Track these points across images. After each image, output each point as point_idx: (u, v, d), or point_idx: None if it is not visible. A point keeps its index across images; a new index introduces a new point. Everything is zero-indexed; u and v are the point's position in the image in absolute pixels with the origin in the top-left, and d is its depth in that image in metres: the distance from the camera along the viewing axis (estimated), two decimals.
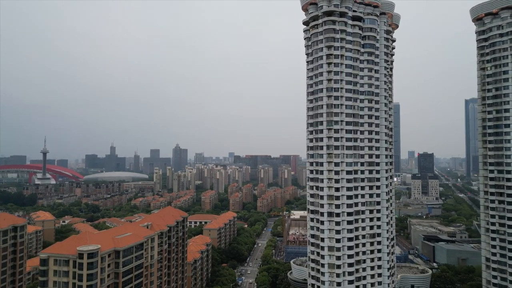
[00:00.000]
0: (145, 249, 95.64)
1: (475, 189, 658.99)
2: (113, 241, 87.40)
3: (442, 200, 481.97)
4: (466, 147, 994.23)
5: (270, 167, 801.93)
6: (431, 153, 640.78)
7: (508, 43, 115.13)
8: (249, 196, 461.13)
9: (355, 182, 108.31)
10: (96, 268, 79.70)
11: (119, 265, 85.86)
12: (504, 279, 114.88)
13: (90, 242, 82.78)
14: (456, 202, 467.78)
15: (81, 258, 78.30)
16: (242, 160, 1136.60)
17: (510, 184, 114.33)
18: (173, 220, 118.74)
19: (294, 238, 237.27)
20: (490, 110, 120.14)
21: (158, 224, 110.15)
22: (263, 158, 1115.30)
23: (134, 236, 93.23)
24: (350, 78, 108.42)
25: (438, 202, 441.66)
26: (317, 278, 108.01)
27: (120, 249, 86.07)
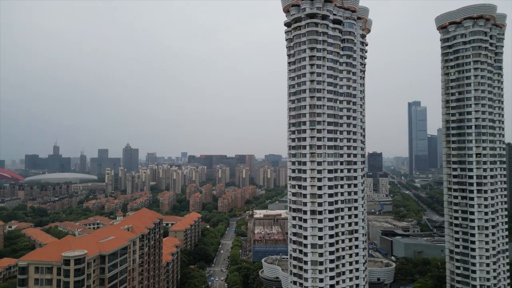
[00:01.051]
0: (128, 252, 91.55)
1: (418, 186, 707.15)
2: (98, 245, 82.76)
3: (391, 197, 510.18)
4: (409, 147, 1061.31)
5: (227, 167, 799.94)
6: (380, 153, 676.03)
7: (471, 51, 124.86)
8: (209, 196, 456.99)
9: (336, 180, 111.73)
10: (83, 275, 74.99)
11: (105, 271, 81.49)
12: (467, 269, 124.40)
13: (74, 247, 77.63)
14: (404, 199, 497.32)
15: (67, 264, 73.21)
16: (197, 160, 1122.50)
17: (472, 181, 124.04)
18: (151, 222, 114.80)
19: (260, 237, 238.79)
20: (453, 112, 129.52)
21: (138, 226, 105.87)
22: (218, 158, 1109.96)
23: (118, 239, 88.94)
24: (331, 80, 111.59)
25: (389, 199, 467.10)
26: (300, 275, 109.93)
27: (106, 253, 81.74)
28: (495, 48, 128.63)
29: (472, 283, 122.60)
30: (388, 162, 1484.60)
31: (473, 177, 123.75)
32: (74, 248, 77.53)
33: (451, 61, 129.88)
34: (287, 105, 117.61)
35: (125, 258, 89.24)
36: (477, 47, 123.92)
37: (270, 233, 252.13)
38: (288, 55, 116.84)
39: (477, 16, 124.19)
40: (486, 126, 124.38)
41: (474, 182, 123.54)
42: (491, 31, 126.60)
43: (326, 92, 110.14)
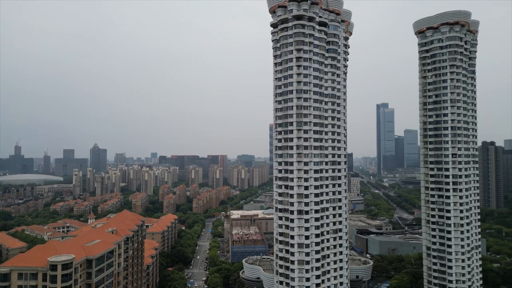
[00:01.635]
0: (114, 256, 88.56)
1: (387, 186, 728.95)
2: (83, 249, 79.52)
3: (362, 196, 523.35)
4: (377, 148, 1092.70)
5: (200, 167, 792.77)
6: (351, 153, 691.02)
7: (447, 55, 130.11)
8: (183, 197, 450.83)
9: (321, 180, 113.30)
10: (71, 281, 71.77)
11: (92, 276, 78.39)
12: (443, 265, 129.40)
13: (60, 252, 74.14)
14: (374, 198, 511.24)
15: (54, 270, 69.80)
16: (168, 161, 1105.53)
17: (448, 180, 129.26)
18: (133, 224, 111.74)
19: (238, 237, 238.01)
20: (430, 114, 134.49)
21: (122, 229, 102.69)
22: (190, 159, 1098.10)
23: (104, 243, 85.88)
24: (317, 81, 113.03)
25: (360, 198, 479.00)
26: (286, 275, 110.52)
27: (93, 258, 78.67)
28: (469, 53, 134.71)
29: (448, 278, 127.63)
30: (357, 162, 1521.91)
31: (449, 177, 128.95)
32: (60, 252, 74.07)
33: (429, 65, 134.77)
34: (273, 105, 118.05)
35: (111, 262, 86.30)
36: (453, 52, 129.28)
37: (248, 233, 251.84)
38: (274, 55, 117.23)
39: (453, 22, 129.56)
40: (461, 128, 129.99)
41: (450, 181, 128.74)
42: (466, 37, 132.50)
43: (312, 93, 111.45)
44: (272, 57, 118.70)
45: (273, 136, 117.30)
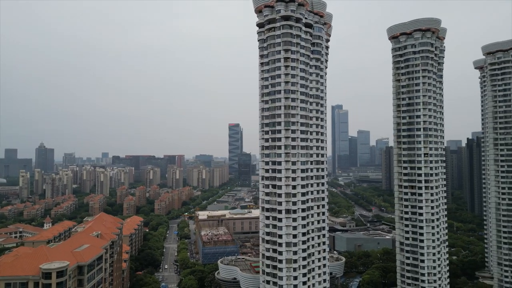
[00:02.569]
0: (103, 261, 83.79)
1: (342, 184, 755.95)
2: (74, 255, 74.41)
3: None
4: (332, 147, 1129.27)
5: (157, 167, 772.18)
6: None
7: (420, 60, 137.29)
8: (143, 199, 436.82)
9: (307, 180, 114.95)
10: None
11: (83, 282, 73.61)
12: (416, 259, 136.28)
13: (51, 258, 68.73)
14: (333, 196, 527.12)
15: (48, 277, 64.69)
16: (122, 161, 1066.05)
17: (420, 179, 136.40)
18: (114, 227, 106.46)
19: (208, 238, 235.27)
20: (404, 115, 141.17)
21: (105, 232, 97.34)
22: (146, 159, 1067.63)
23: (93, 247, 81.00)
24: (303, 82, 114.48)
25: None
26: (274, 274, 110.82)
27: (85, 264, 73.94)
28: (438, 58, 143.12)
29: (420, 272, 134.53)
30: None
31: (422, 175, 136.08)
32: (51, 259, 68.64)
33: (402, 69, 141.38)
34: (259, 105, 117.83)
35: (101, 268, 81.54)
36: (425, 57, 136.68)
37: (217, 234, 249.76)
38: (260, 55, 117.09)
39: (425, 29, 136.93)
40: (432, 129, 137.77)
41: (422, 179, 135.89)
42: (436, 43, 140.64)
43: (299, 94, 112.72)
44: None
45: (259, 136, 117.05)
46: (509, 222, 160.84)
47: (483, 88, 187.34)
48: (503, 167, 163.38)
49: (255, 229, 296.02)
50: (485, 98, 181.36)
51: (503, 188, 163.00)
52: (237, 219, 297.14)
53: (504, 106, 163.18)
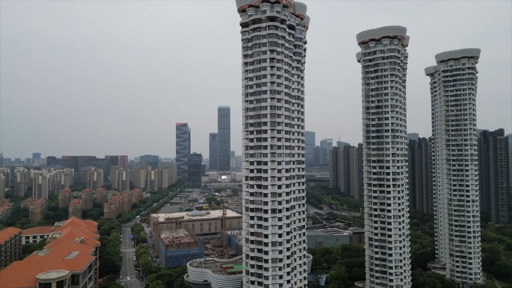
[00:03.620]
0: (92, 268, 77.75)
1: None
2: (66, 263, 68.17)
3: None
4: None
5: (100, 169, 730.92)
6: None
7: (388, 65, 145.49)
8: (89, 202, 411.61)
9: (291, 179, 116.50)
10: None
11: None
12: (384, 254, 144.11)
13: (45, 268, 62.31)
14: None
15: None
16: (59, 162, 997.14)
17: (388, 177, 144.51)
18: (92, 232, 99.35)
19: (170, 241, 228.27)
20: (373, 117, 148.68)
21: (87, 238, 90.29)
22: (86, 160, 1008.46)
23: (83, 254, 74.97)
24: (287, 83, 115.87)
25: None
26: (259, 274, 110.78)
27: (79, 272, 68.25)
28: (403, 64, 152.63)
29: (388, 265, 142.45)
30: None
31: (390, 174, 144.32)
32: (46, 268, 62.15)
33: (372, 73, 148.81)
34: (242, 105, 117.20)
35: (91, 276, 75.57)
36: (393, 62, 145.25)
37: (178, 236, 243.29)
38: (244, 55, 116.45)
39: (392, 36, 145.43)
40: (399, 130, 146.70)
41: (390, 178, 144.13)
42: (401, 50, 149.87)
43: (284, 94, 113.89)
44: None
45: (243, 136, 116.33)
46: (459, 217, 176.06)
47: (433, 93, 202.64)
48: (454, 166, 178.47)
49: (214, 230, 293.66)
50: (436, 103, 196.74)
51: (455, 185, 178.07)
52: (196, 220, 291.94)
53: (455, 110, 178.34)
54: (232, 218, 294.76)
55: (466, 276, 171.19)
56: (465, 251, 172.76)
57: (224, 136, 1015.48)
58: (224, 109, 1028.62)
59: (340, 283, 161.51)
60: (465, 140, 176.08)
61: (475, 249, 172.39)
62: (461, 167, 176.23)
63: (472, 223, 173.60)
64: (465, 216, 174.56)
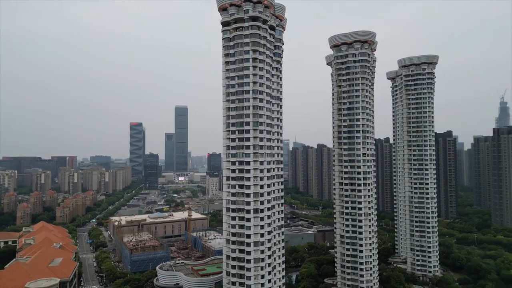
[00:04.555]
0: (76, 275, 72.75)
1: None
2: (51, 270, 63.18)
3: None
4: None
5: (48, 170, 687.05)
6: (219, 153, 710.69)
7: (359, 68, 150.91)
8: (39, 206, 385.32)
9: (271, 179, 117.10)
10: None
11: None
12: (355, 250, 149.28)
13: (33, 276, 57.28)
14: None
15: None
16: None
17: (359, 177, 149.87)
18: (66, 237, 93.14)
19: (134, 245, 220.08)
20: (345, 119, 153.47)
21: (64, 243, 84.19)
22: (30, 161, 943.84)
23: (66, 261, 69.78)
24: (268, 83, 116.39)
25: None
26: (241, 275, 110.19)
27: (67, 279, 63.63)
28: (372, 68, 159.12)
29: (359, 261, 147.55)
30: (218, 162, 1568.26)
31: (361, 173, 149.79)
32: (33, 276, 57.07)
33: (344, 76, 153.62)
34: (223, 104, 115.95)
35: (75, 283, 70.67)
36: (364, 66, 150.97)
37: (142, 240, 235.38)
38: (226, 54, 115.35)
39: (363, 40, 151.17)
40: (368, 131, 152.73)
41: (361, 177, 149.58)
42: (371, 54, 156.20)
43: (265, 94, 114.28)
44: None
45: (224, 136, 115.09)
46: (420, 213, 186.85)
47: (394, 96, 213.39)
48: (415, 165, 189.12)
49: (178, 232, 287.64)
50: (397, 105, 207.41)
51: (415, 183, 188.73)
52: (159, 223, 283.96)
53: (416, 112, 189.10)
54: (196, 219, 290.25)
55: (426, 269, 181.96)
56: (425, 246, 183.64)
57: (181, 136, 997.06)
58: (182, 108, 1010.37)
59: (311, 280, 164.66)
60: (425, 141, 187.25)
61: (433, 243, 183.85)
62: (421, 167, 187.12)
63: (431, 219, 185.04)
64: (425, 213, 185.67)
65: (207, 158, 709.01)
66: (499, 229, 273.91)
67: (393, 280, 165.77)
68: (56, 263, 67.11)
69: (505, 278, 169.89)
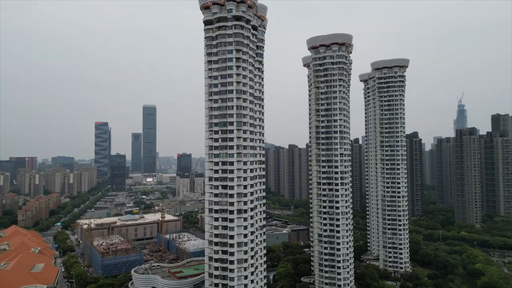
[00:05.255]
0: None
1: None
2: (34, 276, 59.63)
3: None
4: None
5: (6, 172, 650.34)
6: (189, 154, 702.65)
7: (337, 70, 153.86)
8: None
9: (254, 179, 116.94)
10: None
11: None
12: (333, 248, 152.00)
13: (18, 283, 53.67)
14: None
15: None
16: None
17: (337, 176, 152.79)
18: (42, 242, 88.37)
19: (105, 248, 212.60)
20: (323, 119, 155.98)
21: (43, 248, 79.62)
22: None
23: (48, 266, 66.24)
24: (251, 83, 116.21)
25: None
26: (224, 276, 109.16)
27: (53, 286, 60.30)
28: (348, 70, 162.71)
29: (337, 259, 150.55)
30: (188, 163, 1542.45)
31: (338, 173, 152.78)
32: (18, 284, 53.39)
33: (322, 77, 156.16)
34: (205, 104, 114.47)
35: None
36: (341, 68, 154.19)
37: (113, 243, 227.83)
38: (208, 53, 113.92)
39: (341, 43, 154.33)
40: (345, 132, 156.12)
41: (339, 177, 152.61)
42: (348, 56, 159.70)
43: (249, 94, 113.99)
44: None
45: (207, 136, 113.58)
46: (392, 211, 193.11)
47: (367, 98, 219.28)
48: (387, 165, 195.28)
49: (150, 234, 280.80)
50: (369, 107, 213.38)
51: (387, 182, 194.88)
52: (131, 225, 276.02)
53: (388, 114, 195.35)
54: (169, 221, 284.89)
55: (397, 265, 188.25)
56: (397, 243, 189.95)
57: (149, 136, 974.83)
58: (150, 108, 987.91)
59: (289, 280, 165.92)
60: (396, 141, 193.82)
61: (404, 240, 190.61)
62: (393, 166, 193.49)
63: (402, 216, 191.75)
64: (397, 211, 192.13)
65: (177, 159, 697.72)
66: (462, 225, 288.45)
67: (367, 277, 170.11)
68: (38, 269, 63.20)
69: (471, 272, 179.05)
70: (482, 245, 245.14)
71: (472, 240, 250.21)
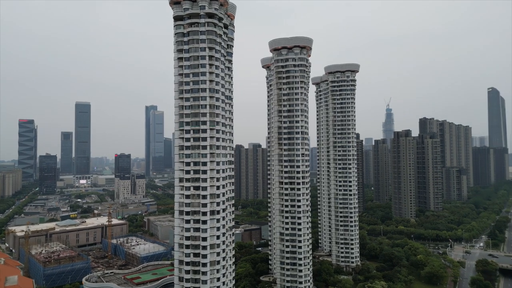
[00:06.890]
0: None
1: (161, 185, 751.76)
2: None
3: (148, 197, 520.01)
4: (146, 149, 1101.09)
5: None
6: (129, 154, 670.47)
7: (299, 72, 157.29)
8: None
9: (225, 179, 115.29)
10: None
11: None
12: (294, 246, 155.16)
13: None
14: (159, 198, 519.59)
15: None
16: None
17: (298, 176, 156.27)
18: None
19: (46, 257, 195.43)
20: (285, 120, 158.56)
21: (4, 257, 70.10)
22: None
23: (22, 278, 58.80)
24: (223, 82, 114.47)
25: (149, 200, 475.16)
26: (196, 279, 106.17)
27: None
28: (308, 72, 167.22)
29: (298, 257, 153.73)
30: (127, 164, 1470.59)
31: (300, 172, 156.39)
32: None
33: (284, 79, 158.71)
34: (175, 102, 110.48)
35: None
36: (302, 70, 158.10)
37: (54, 251, 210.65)
38: (179, 50, 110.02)
39: (302, 46, 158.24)
40: (306, 132, 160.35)
41: (300, 176, 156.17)
42: (308, 59, 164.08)
43: (221, 94, 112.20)
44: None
45: (177, 135, 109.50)
46: (344, 209, 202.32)
47: (319, 100, 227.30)
48: (340, 165, 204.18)
49: (93, 240, 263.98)
50: (321, 109, 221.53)
51: (340, 181, 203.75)
52: (71, 231, 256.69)
53: (341, 116, 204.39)
54: (115, 225, 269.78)
55: (349, 260, 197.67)
56: (348, 239, 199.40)
57: (83, 135, 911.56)
58: (83, 105, 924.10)
59: (251, 279, 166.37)
60: (348, 142, 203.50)
61: (355, 236, 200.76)
62: (345, 166, 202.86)
63: (353, 213, 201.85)
64: (348, 208, 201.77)
65: (115, 160, 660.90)
66: (399, 220, 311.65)
67: (323, 272, 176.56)
68: (13, 282, 55.34)
69: (413, 263, 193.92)
70: (418, 237, 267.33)
71: (409, 233, 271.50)
